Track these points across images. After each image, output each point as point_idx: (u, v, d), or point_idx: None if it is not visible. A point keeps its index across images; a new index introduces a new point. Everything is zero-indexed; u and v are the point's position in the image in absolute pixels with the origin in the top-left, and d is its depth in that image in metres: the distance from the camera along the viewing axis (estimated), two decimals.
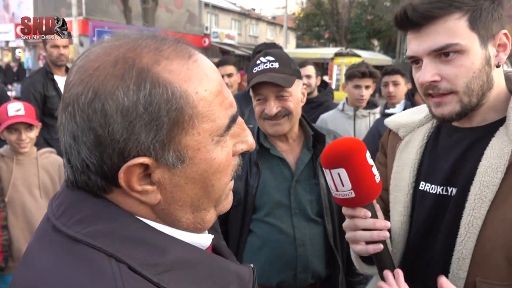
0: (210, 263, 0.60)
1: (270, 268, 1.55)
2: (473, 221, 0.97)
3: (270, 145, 1.59)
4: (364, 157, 0.94)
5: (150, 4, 17.44)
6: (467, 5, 0.95)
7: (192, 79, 0.56)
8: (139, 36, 0.57)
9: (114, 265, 0.51)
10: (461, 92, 0.98)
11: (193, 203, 0.60)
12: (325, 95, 3.59)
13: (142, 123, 0.53)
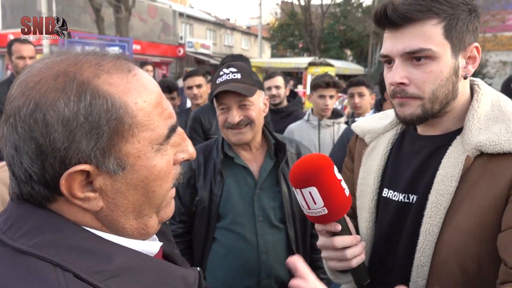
0: (156, 268, 0.62)
1: (235, 276, 1.59)
2: (430, 228, 0.98)
3: (234, 154, 1.64)
4: (333, 173, 0.94)
5: (123, 14, 17.27)
6: (446, 12, 0.95)
7: (131, 91, 0.60)
8: (80, 52, 0.61)
9: (59, 274, 0.53)
10: (426, 98, 0.99)
11: (135, 209, 0.63)
12: (295, 104, 3.68)
13: (83, 132, 0.56)
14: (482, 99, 1.03)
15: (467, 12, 0.98)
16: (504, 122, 0.98)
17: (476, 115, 1.00)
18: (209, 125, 2.80)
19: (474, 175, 0.95)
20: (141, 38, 26.56)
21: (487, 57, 19.71)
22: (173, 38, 31.79)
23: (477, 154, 0.96)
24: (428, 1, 0.95)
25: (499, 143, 0.93)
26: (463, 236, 0.94)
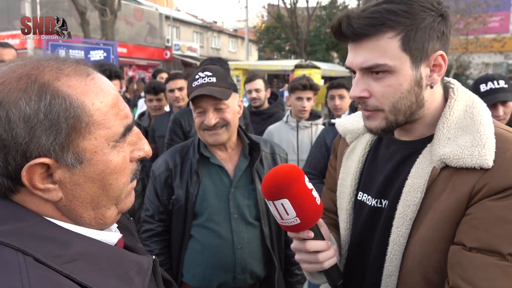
0: (111, 254, 0.68)
1: (211, 272, 1.63)
2: (397, 239, 0.98)
3: (210, 154, 1.69)
4: (304, 184, 0.94)
5: (109, 17, 17.16)
6: (403, 24, 0.91)
7: (89, 93, 0.66)
8: (43, 57, 0.66)
9: (20, 258, 0.59)
10: (387, 110, 0.97)
11: (92, 200, 0.68)
12: (276, 106, 3.74)
13: (43, 128, 0.62)
14: (454, 106, 0.99)
15: (430, 19, 0.92)
16: (472, 133, 0.93)
17: (447, 123, 0.97)
18: (189, 127, 2.84)
19: (439, 187, 0.94)
20: (127, 41, 26.42)
21: (470, 59, 20.07)
22: (159, 41, 31.67)
23: (443, 166, 0.94)
24: (383, 13, 0.91)
25: (462, 157, 0.90)
26: (426, 248, 0.93)
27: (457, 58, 19.39)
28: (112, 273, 0.65)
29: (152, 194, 1.73)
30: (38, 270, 0.58)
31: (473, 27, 19.17)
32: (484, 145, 0.89)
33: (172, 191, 1.68)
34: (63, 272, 0.60)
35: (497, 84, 2.22)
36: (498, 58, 20.33)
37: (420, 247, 0.94)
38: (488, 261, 0.84)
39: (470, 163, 0.89)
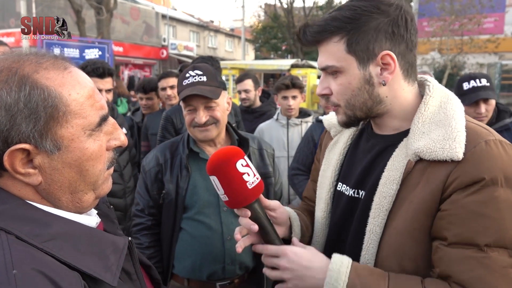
0: (88, 234, 0.74)
1: (201, 263, 1.69)
2: (373, 229, 1.02)
3: (199, 149, 1.74)
4: (234, 167, 1.02)
5: (105, 15, 17.12)
6: (345, 28, 0.99)
7: (66, 85, 0.71)
8: (24, 52, 0.72)
9: (3, 236, 0.64)
10: (343, 106, 1.07)
11: (70, 184, 0.74)
12: (268, 104, 3.80)
13: (23, 116, 0.67)
14: (429, 102, 1.04)
15: (374, 21, 0.99)
16: (444, 127, 0.98)
17: (422, 118, 1.02)
18: (180, 124, 2.89)
19: (414, 179, 0.98)
20: (123, 40, 26.38)
21: (465, 59, 20.19)
22: (156, 40, 31.64)
23: (417, 159, 0.98)
24: (328, 21, 1.01)
25: (434, 150, 0.95)
26: (401, 238, 0.98)
27: (452, 59, 19.50)
28: (90, 251, 0.71)
29: (142, 188, 1.78)
30: (19, 247, 0.64)
31: (467, 27, 19.29)
32: (454, 139, 0.94)
33: (163, 186, 1.73)
34: (43, 250, 0.65)
35: (479, 82, 2.29)
36: (493, 59, 20.46)
37: (395, 236, 0.99)
38: (466, 254, 0.90)
39: (441, 156, 0.94)
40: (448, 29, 19.46)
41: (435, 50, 20.28)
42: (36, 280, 0.60)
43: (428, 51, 20.41)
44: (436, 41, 20.18)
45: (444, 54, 19.82)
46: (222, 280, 1.73)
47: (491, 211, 0.89)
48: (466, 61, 20.26)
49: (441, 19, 19.71)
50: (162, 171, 1.74)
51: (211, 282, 1.71)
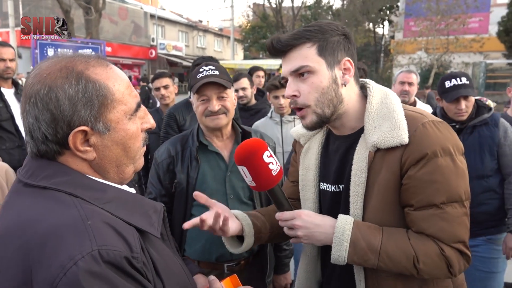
0: (134, 198, 0.91)
1: (210, 246, 1.85)
2: (355, 212, 1.23)
3: (208, 142, 1.91)
4: (261, 157, 1.20)
5: (94, 15, 17.09)
6: (316, 37, 1.21)
7: (110, 78, 0.87)
8: (72, 54, 0.89)
9: (73, 198, 0.80)
10: (313, 105, 1.22)
11: (117, 159, 0.90)
12: (263, 102, 3.96)
13: (81, 104, 0.83)
14: (372, 101, 1.26)
15: (336, 36, 1.24)
16: (390, 119, 1.20)
17: (370, 116, 1.24)
18: (183, 121, 3.04)
19: (377, 166, 1.20)
20: (112, 40, 26.31)
21: (450, 58, 20.61)
22: (144, 39, 31.58)
23: (376, 149, 1.20)
24: (302, 32, 1.23)
25: (387, 140, 1.17)
26: (378, 213, 1.21)
27: (438, 58, 19.89)
28: (137, 211, 0.88)
29: (155, 179, 1.93)
30: (87, 205, 0.80)
31: (453, 27, 19.71)
32: (399, 127, 1.18)
33: (174, 176, 1.89)
34: (103, 209, 0.82)
35: (459, 80, 2.49)
36: (478, 58, 20.88)
37: (373, 213, 1.21)
38: (429, 213, 1.16)
39: (393, 143, 1.17)
40: (434, 29, 19.83)
41: (422, 49, 20.67)
42: (105, 229, 0.76)
43: (415, 50, 20.79)
44: (422, 40, 20.56)
45: (430, 53, 20.21)
46: (230, 262, 1.88)
47: (438, 177, 1.14)
48: (452, 60, 20.66)
49: (427, 19, 20.09)
50: (173, 163, 1.90)
51: (220, 263, 1.87)
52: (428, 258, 1.15)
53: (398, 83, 3.58)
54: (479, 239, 2.57)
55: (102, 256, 0.71)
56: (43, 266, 0.70)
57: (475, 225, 2.50)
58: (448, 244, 1.15)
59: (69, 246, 0.71)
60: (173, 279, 0.89)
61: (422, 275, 1.17)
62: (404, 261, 1.15)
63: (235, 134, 1.98)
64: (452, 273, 1.17)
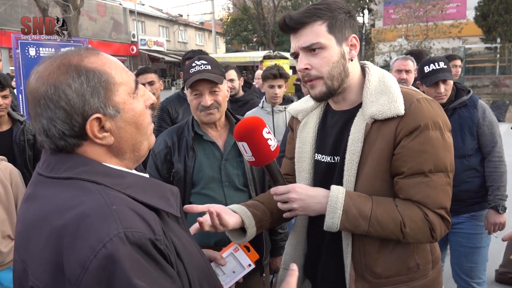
0: (152, 183, 0.96)
1: (208, 232, 1.92)
2: (349, 179, 1.32)
3: (203, 132, 1.98)
4: (260, 134, 1.26)
5: (72, 13, 16.77)
6: (326, 15, 1.29)
7: (106, 64, 0.91)
8: (63, 51, 0.92)
9: (96, 186, 0.84)
10: (325, 77, 1.31)
11: (132, 138, 0.94)
12: (250, 94, 4.03)
13: (89, 94, 0.86)
14: (371, 78, 1.37)
15: (343, 14, 1.32)
16: (387, 94, 1.30)
17: (369, 91, 1.34)
18: (176, 114, 3.09)
19: (373, 136, 1.29)
20: (91, 37, 25.84)
21: (430, 44, 20.90)
22: (125, 36, 31.15)
23: (373, 121, 1.30)
24: (313, 10, 1.30)
25: (384, 111, 1.27)
26: (370, 180, 1.30)
27: (419, 45, 20.15)
28: (156, 194, 0.93)
29: (153, 169, 1.99)
30: (110, 192, 0.85)
31: (432, 14, 19.98)
32: (396, 100, 1.28)
33: (172, 166, 1.95)
34: (125, 193, 0.87)
35: (438, 65, 2.59)
36: (456, 43, 21.24)
37: (367, 181, 1.31)
38: (417, 181, 1.26)
39: (390, 114, 1.27)
40: (414, 16, 20.09)
41: (402, 37, 20.92)
42: (130, 213, 0.81)
43: (395, 38, 21.03)
44: (402, 28, 20.81)
45: (410, 40, 20.47)
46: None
47: (428, 147, 1.24)
48: (431, 46, 20.97)
49: (406, 6, 20.32)
50: (170, 153, 1.96)
51: (218, 247, 1.94)
52: (413, 223, 1.25)
53: (394, 72, 3.46)
54: (463, 216, 2.70)
55: (128, 238, 0.76)
56: (75, 249, 0.75)
57: (459, 203, 2.65)
58: (432, 209, 1.26)
59: (98, 230, 0.76)
60: (191, 260, 0.94)
61: (407, 239, 1.27)
62: (392, 226, 1.25)
63: (229, 123, 2.05)
64: (434, 237, 1.28)
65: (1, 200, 2.47)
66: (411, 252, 1.35)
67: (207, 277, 1.00)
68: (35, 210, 0.86)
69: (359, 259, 1.35)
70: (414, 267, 1.35)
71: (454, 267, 2.83)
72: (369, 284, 1.35)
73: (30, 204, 0.88)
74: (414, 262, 1.35)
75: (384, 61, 22.65)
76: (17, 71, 6.39)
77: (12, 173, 2.56)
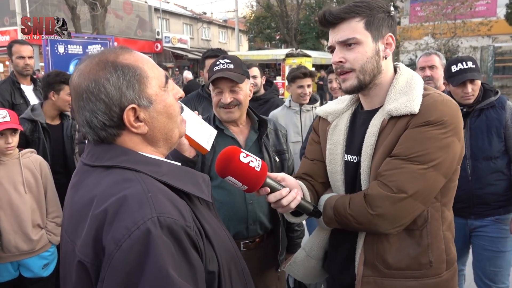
0: (185, 171, 1.03)
1: (228, 223, 1.95)
2: (364, 170, 1.39)
3: (224, 127, 2.02)
4: (239, 161, 1.24)
5: (99, 11, 17.12)
6: (365, 13, 1.35)
7: (138, 60, 0.99)
8: (99, 51, 1.01)
9: (136, 174, 0.93)
10: (358, 70, 1.36)
11: (164, 126, 1.02)
12: (271, 92, 4.03)
13: (125, 86, 0.95)
14: (400, 78, 1.42)
15: (382, 13, 1.37)
16: (408, 95, 1.35)
17: (394, 90, 1.40)
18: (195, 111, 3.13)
19: (387, 131, 1.35)
20: (117, 35, 26.33)
21: (458, 42, 20.39)
22: (150, 33, 31.60)
23: (389, 117, 1.35)
24: (352, 7, 1.36)
25: (400, 109, 1.32)
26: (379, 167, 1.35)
27: (446, 43, 19.70)
28: (189, 181, 0.99)
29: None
30: (148, 180, 0.92)
31: (460, 11, 19.46)
32: (414, 100, 1.33)
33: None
34: (161, 180, 0.94)
35: (466, 65, 2.54)
36: (486, 42, 20.62)
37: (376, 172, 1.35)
38: (394, 162, 1.30)
39: (404, 111, 1.32)
40: (441, 13, 19.59)
41: (429, 35, 20.47)
42: (163, 200, 0.88)
43: (421, 36, 20.60)
44: (429, 25, 20.34)
45: (437, 38, 20.01)
46: (246, 239, 2.01)
47: (421, 138, 1.27)
48: (459, 45, 20.45)
49: (433, 4, 19.85)
50: None
51: (237, 240, 1.96)
52: (354, 204, 1.33)
53: (418, 70, 3.24)
54: (488, 219, 2.64)
55: (161, 222, 0.83)
56: (112, 228, 0.83)
57: (484, 206, 2.61)
58: (387, 184, 1.28)
59: (134, 213, 0.83)
60: (221, 243, 1.00)
61: (350, 220, 1.33)
62: (342, 211, 1.35)
63: (251, 122, 2.08)
64: (371, 215, 1.29)
65: (32, 191, 2.59)
66: (425, 248, 1.36)
67: (235, 260, 1.06)
68: (82, 195, 0.94)
69: (371, 246, 1.39)
70: (427, 264, 1.36)
71: (477, 271, 2.77)
72: (379, 273, 1.38)
73: (77, 191, 0.98)
74: (427, 259, 1.36)
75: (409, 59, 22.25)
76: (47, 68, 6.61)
77: (42, 165, 2.68)
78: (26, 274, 2.62)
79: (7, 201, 2.49)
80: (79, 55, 6.73)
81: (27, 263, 2.58)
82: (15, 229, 2.50)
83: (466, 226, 2.71)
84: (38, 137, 2.97)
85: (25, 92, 3.71)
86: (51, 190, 2.71)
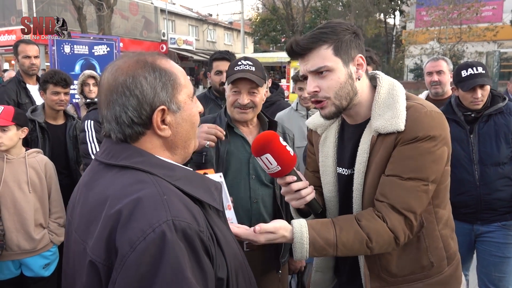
0: (198, 177, 1.03)
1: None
2: (357, 187, 1.40)
3: (234, 125, 2.03)
4: (279, 142, 1.33)
5: (106, 11, 17.19)
6: (331, 39, 1.33)
7: (174, 67, 1.02)
8: (137, 52, 1.02)
9: (150, 176, 0.92)
10: (332, 97, 1.35)
11: (185, 134, 1.03)
12: (277, 95, 4.01)
13: (159, 88, 0.97)
14: (381, 91, 1.40)
15: (349, 35, 1.36)
16: (392, 109, 1.34)
17: (377, 105, 1.38)
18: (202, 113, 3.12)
19: (377, 148, 1.36)
20: (123, 35, 26.41)
21: (464, 48, 20.32)
22: (155, 34, 31.71)
23: (378, 134, 1.35)
24: (318, 34, 1.34)
25: (386, 127, 1.32)
26: (373, 188, 1.36)
27: (451, 48, 19.64)
28: (201, 187, 0.99)
29: None
30: (162, 183, 0.92)
31: (466, 16, 19.42)
32: (398, 117, 1.32)
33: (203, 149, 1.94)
34: (175, 185, 0.93)
35: (476, 70, 2.52)
36: (491, 47, 20.55)
37: (370, 188, 1.37)
38: (393, 180, 1.31)
39: (391, 130, 1.31)
40: (447, 18, 19.54)
41: (434, 39, 20.42)
42: (178, 204, 0.88)
43: (427, 40, 20.55)
44: (434, 30, 20.30)
45: (443, 43, 19.95)
46: None
47: (415, 155, 1.29)
48: (465, 50, 20.36)
49: (439, 8, 19.81)
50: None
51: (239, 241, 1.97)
52: (379, 236, 1.30)
53: (426, 75, 3.28)
54: (494, 225, 2.63)
55: (175, 226, 0.83)
56: (127, 230, 0.82)
57: (491, 212, 2.59)
58: (400, 209, 1.29)
59: (149, 216, 0.83)
60: (230, 250, 1.00)
61: (373, 252, 1.32)
62: (357, 246, 1.30)
63: (260, 123, 2.09)
64: (398, 245, 1.32)
65: (36, 190, 2.59)
66: (424, 251, 1.39)
67: (242, 266, 1.06)
68: (95, 195, 0.94)
69: (373, 260, 1.41)
70: (428, 265, 1.39)
71: (482, 277, 2.75)
72: (386, 283, 1.41)
73: (89, 190, 0.98)
74: (427, 261, 1.39)
75: (414, 63, 22.18)
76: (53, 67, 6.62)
77: (47, 166, 2.68)
78: (27, 273, 2.63)
79: (11, 200, 2.49)
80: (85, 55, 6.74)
81: (28, 262, 2.59)
82: (18, 227, 2.50)
83: (472, 232, 2.69)
84: (36, 137, 2.97)
85: (30, 92, 3.72)
86: (55, 190, 2.71)
